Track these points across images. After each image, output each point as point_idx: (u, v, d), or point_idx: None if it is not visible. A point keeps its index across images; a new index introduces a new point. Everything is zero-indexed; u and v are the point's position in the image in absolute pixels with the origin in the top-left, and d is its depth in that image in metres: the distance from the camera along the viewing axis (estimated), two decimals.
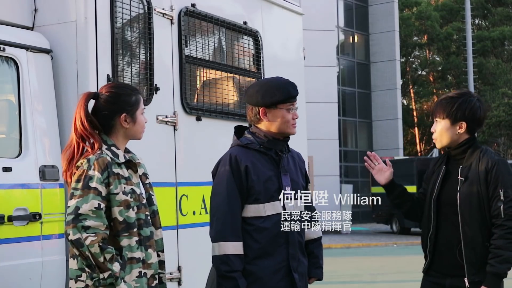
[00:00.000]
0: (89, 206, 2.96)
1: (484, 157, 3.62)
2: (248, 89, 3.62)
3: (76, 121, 3.14)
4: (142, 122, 3.24)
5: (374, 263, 15.60)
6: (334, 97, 27.71)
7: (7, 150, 4.21)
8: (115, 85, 3.33)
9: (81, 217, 2.95)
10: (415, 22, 39.43)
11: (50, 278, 4.17)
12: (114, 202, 3.04)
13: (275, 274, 3.42)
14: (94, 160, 3.04)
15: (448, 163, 3.76)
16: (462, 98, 3.69)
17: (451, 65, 38.98)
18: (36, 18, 4.55)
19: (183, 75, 5.11)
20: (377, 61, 32.69)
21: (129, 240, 3.06)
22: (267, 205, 3.43)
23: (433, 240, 3.70)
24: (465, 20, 30.92)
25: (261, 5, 6.18)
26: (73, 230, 2.94)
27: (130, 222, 3.06)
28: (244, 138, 3.54)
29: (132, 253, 3.06)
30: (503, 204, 3.51)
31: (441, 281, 3.70)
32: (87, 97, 3.18)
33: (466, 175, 3.62)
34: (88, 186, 2.99)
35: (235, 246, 3.36)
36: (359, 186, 30.73)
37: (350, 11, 32.85)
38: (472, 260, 3.57)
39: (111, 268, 2.95)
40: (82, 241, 2.93)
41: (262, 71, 5.96)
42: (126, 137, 3.23)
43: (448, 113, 3.66)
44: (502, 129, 33.08)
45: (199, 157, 5.16)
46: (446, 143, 3.70)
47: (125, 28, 4.66)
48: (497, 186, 3.54)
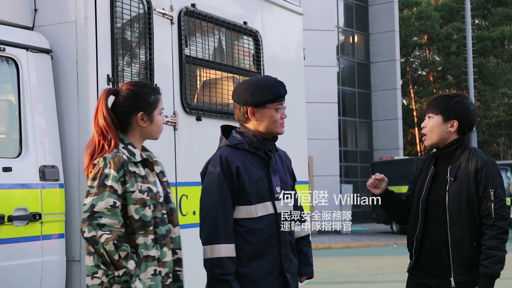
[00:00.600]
0: (104, 204, 2.97)
1: (473, 157, 3.62)
2: (236, 88, 3.58)
3: (97, 116, 3.14)
4: (160, 122, 3.25)
5: (374, 263, 15.60)
6: (334, 97, 27.71)
7: (7, 150, 4.21)
8: (135, 83, 3.35)
9: (96, 215, 2.96)
10: (415, 22, 39.44)
11: (50, 278, 4.17)
12: (130, 200, 3.04)
13: (269, 275, 3.39)
14: (110, 158, 3.05)
15: (437, 163, 3.75)
16: (458, 97, 3.72)
17: (451, 65, 38.99)
18: (36, 18, 4.55)
19: (183, 75, 5.11)
20: (377, 61, 32.69)
21: (145, 238, 3.06)
22: (259, 206, 3.40)
23: (419, 240, 3.68)
24: (465, 20, 30.90)
25: (261, 5, 6.18)
26: (88, 227, 2.95)
27: (146, 220, 3.07)
28: (232, 138, 3.50)
29: (147, 251, 3.06)
30: (494, 204, 3.51)
31: (427, 281, 3.69)
32: (107, 92, 3.19)
33: (455, 175, 3.62)
34: (103, 184, 3.00)
35: (228, 248, 3.32)
36: (359, 186, 30.72)
37: (350, 11, 32.85)
38: (459, 260, 3.56)
39: (126, 265, 2.96)
40: (97, 239, 2.95)
41: (262, 71, 5.95)
42: (143, 136, 3.23)
43: (443, 110, 3.66)
44: (502, 129, 33.09)
45: (199, 157, 5.13)
46: (435, 140, 3.69)
47: (125, 28, 4.66)
48: (487, 186, 3.55)
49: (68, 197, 4.32)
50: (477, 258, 3.56)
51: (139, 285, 2.99)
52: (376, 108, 32.61)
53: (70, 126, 4.38)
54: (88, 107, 4.34)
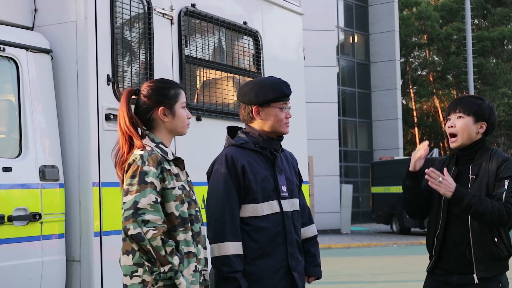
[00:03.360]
0: (147, 200, 2.96)
1: (494, 155, 3.69)
2: (241, 88, 3.61)
3: (120, 120, 3.14)
4: (183, 116, 3.21)
5: (374, 263, 15.60)
6: (334, 97, 27.69)
7: (7, 150, 4.21)
8: (155, 80, 3.34)
9: (140, 211, 2.94)
10: (415, 22, 39.43)
11: (50, 278, 4.17)
12: (170, 196, 3.05)
13: (275, 274, 3.41)
14: (148, 156, 3.04)
15: (457, 163, 3.78)
16: (486, 101, 3.78)
17: (451, 65, 38.97)
18: (36, 18, 4.56)
19: (183, 75, 5.11)
20: (377, 61, 32.68)
21: (185, 235, 3.07)
22: (265, 204, 3.42)
23: (440, 239, 3.71)
24: (465, 20, 30.90)
25: (261, 5, 6.19)
26: (133, 224, 2.92)
27: (185, 217, 3.08)
28: (238, 138, 3.53)
29: (188, 247, 3.07)
30: (506, 192, 3.55)
31: (447, 279, 3.71)
32: (128, 93, 3.19)
33: (476, 173, 3.67)
34: (144, 181, 2.99)
35: (235, 246, 3.34)
36: (359, 186, 30.73)
37: (350, 11, 32.84)
38: (481, 256, 3.60)
39: (171, 261, 2.96)
40: (143, 235, 2.92)
41: (262, 71, 5.96)
42: (169, 132, 3.20)
43: (475, 111, 3.70)
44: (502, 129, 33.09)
45: (199, 157, 5.16)
46: (465, 140, 3.71)
47: (125, 28, 4.66)
48: (505, 178, 3.59)
49: (68, 197, 4.32)
50: (498, 253, 3.62)
51: (183, 281, 2.99)
52: (376, 108, 32.60)
53: (70, 126, 4.38)
54: (88, 107, 4.35)
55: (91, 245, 4.26)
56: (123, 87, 4.57)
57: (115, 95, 4.48)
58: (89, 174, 4.31)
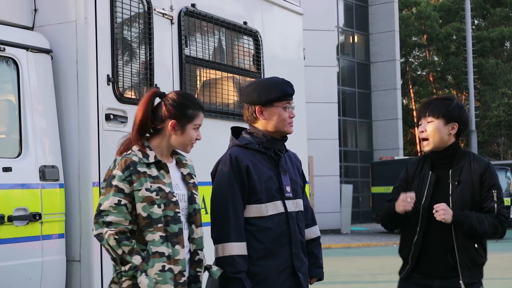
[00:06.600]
0: (109, 202, 3.08)
1: (474, 160, 3.67)
2: (245, 88, 3.63)
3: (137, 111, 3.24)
4: (191, 136, 3.28)
5: (374, 263, 15.59)
6: (334, 97, 27.69)
7: (7, 150, 4.21)
8: (182, 93, 3.39)
9: (103, 213, 3.08)
10: (415, 22, 39.46)
11: (50, 278, 4.17)
12: (137, 198, 3.12)
13: (280, 274, 3.40)
14: (119, 160, 3.17)
15: (434, 168, 3.73)
16: (455, 100, 3.75)
17: (451, 65, 39.02)
18: (36, 18, 4.56)
19: (183, 75, 5.11)
20: (377, 61, 32.68)
21: (153, 235, 3.12)
22: (269, 204, 3.42)
23: (419, 246, 3.67)
24: (465, 20, 30.91)
25: (261, 5, 6.18)
26: (95, 225, 3.10)
27: (154, 217, 3.12)
28: (242, 138, 3.53)
29: (155, 247, 3.10)
30: (497, 204, 3.59)
31: (427, 282, 3.67)
32: (153, 93, 3.27)
33: (458, 179, 3.64)
34: (110, 184, 3.12)
35: (239, 246, 3.34)
36: (359, 186, 30.72)
37: (350, 11, 32.85)
38: (465, 262, 3.59)
39: (130, 260, 3.05)
40: (102, 236, 3.07)
41: (262, 71, 5.96)
42: (171, 144, 3.27)
43: (444, 113, 3.67)
44: (502, 129, 33.12)
45: (199, 157, 5.15)
46: (437, 143, 3.68)
47: (125, 28, 4.66)
48: (490, 187, 3.61)
49: (68, 197, 4.32)
50: (479, 259, 3.63)
51: (144, 280, 3.04)
52: (376, 108, 32.61)
53: (70, 126, 4.38)
54: (88, 107, 4.35)
55: (91, 245, 4.26)
56: (123, 87, 4.57)
57: (115, 95, 4.48)
58: (89, 174, 4.31)
